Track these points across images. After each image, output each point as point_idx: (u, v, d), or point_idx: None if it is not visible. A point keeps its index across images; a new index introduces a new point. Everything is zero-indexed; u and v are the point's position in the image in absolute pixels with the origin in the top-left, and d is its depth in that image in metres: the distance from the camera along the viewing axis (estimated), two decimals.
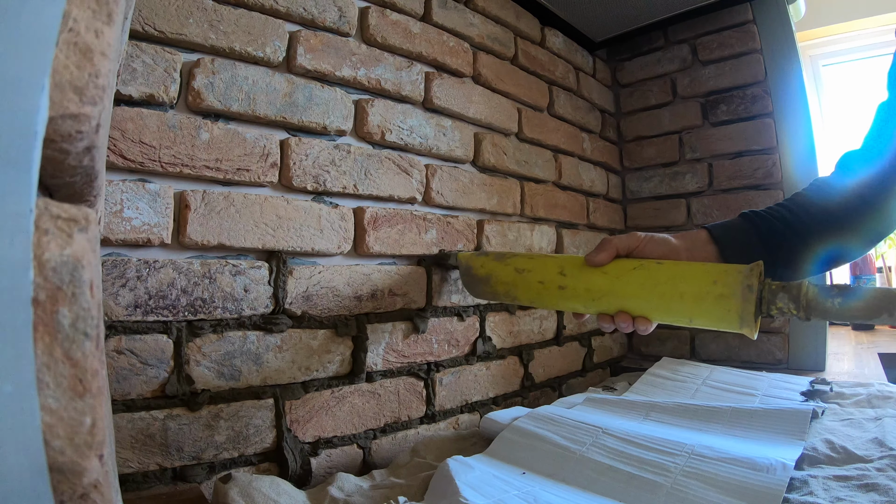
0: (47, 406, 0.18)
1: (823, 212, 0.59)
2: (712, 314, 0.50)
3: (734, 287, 0.49)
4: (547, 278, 0.61)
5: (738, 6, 1.24)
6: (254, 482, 0.54)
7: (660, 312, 0.54)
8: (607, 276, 0.56)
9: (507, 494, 0.55)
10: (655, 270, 0.54)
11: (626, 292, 0.55)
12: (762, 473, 0.56)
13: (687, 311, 0.52)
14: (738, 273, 0.50)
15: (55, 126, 0.18)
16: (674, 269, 0.54)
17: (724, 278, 0.50)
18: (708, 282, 0.51)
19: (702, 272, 0.52)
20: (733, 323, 0.50)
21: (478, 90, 0.98)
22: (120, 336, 0.54)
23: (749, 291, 0.48)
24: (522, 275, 0.64)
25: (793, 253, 0.58)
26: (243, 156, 0.65)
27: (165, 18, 0.59)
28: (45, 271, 0.18)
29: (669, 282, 0.52)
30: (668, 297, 0.52)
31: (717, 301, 0.50)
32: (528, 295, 0.65)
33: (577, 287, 0.59)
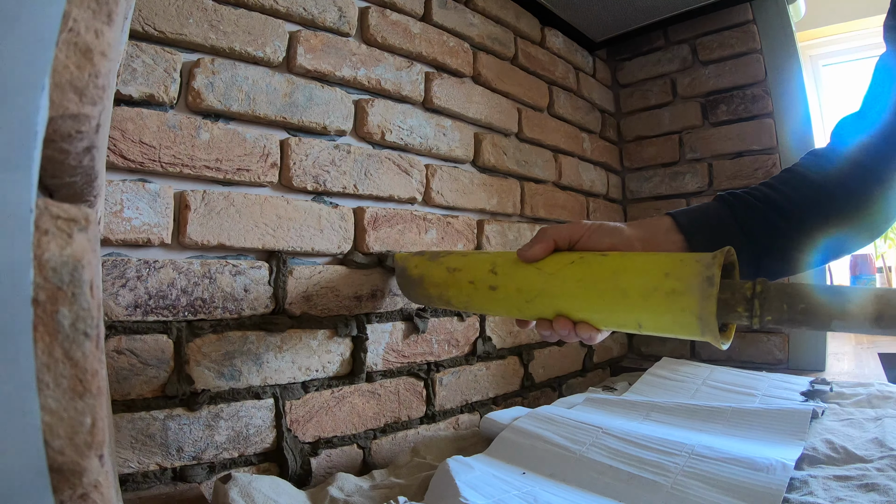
0: (47, 406, 0.18)
1: (816, 187, 0.49)
2: (664, 316, 0.41)
3: (690, 280, 0.39)
4: (477, 277, 0.53)
5: (738, 6, 1.24)
6: (254, 482, 0.54)
7: (602, 315, 0.45)
8: (541, 272, 0.48)
9: (507, 494, 0.55)
10: (596, 264, 0.45)
11: (562, 291, 0.46)
12: (762, 473, 0.56)
13: (633, 313, 0.42)
14: (696, 262, 0.40)
15: (55, 126, 0.18)
16: (618, 261, 0.45)
17: (677, 269, 0.40)
18: (658, 275, 0.41)
19: (651, 263, 0.43)
20: (691, 326, 0.40)
21: (478, 90, 0.98)
22: (120, 336, 0.54)
23: (708, 285, 0.38)
24: (454, 274, 0.57)
25: (780, 240, 0.49)
26: (243, 156, 0.65)
27: (165, 18, 0.59)
28: (45, 271, 0.18)
29: (611, 277, 0.43)
30: (610, 295, 0.43)
31: (669, 298, 0.40)
32: (460, 297, 0.57)
33: (507, 287, 0.50)
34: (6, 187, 0.17)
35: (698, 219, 0.50)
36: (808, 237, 0.49)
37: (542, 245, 0.49)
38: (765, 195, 0.50)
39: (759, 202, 0.50)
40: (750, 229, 0.49)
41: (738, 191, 0.51)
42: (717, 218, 0.50)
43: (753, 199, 0.50)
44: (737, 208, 0.50)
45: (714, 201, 0.52)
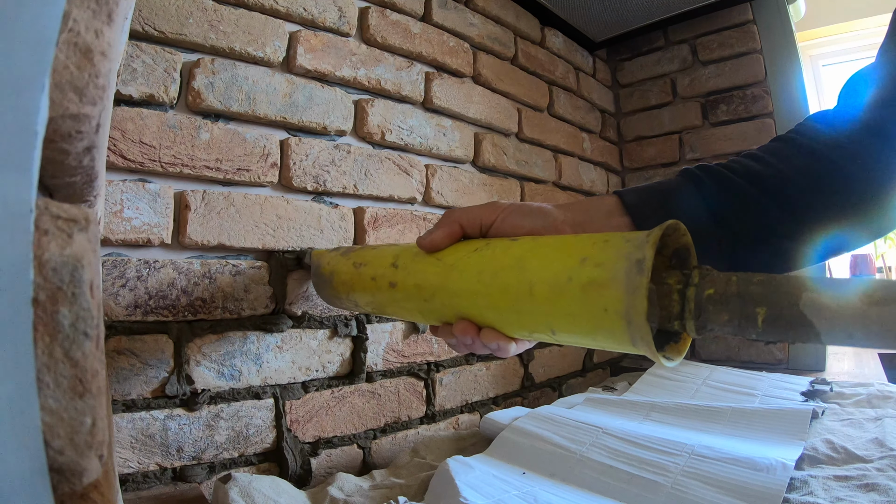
0: (47, 406, 0.17)
1: (815, 157, 0.38)
2: (580, 317, 0.31)
3: (613, 265, 0.30)
4: (379, 273, 0.45)
5: (738, 6, 1.24)
6: (254, 482, 0.54)
7: (507, 318, 0.35)
8: (441, 264, 0.39)
9: (507, 494, 0.55)
10: (500, 251, 0.36)
11: (462, 287, 0.37)
12: (762, 473, 0.56)
13: (543, 314, 0.33)
14: (623, 242, 0.31)
15: (55, 126, 0.18)
16: (527, 246, 0.36)
17: (598, 252, 0.31)
18: (572, 261, 0.32)
19: (565, 246, 0.33)
20: (616, 331, 0.30)
21: (478, 90, 0.98)
22: (120, 336, 0.54)
23: (637, 271, 0.28)
24: (359, 271, 0.49)
25: (764, 226, 0.38)
26: (243, 156, 0.65)
27: (165, 18, 0.59)
28: (45, 271, 0.18)
29: (516, 266, 0.34)
30: (514, 291, 0.34)
31: (586, 293, 0.30)
32: (365, 297, 0.49)
33: (406, 283, 0.42)
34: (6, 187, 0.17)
35: (652, 197, 0.40)
36: (803, 222, 0.38)
37: (445, 230, 0.40)
38: (745, 168, 0.39)
39: (736, 176, 0.39)
40: (722, 211, 0.38)
41: (713, 165, 0.40)
42: (677, 196, 0.39)
43: (729, 171, 0.39)
44: (704, 184, 0.39)
45: (676, 176, 0.41)
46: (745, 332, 0.27)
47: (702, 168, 0.41)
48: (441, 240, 0.40)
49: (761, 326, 0.27)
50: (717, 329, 0.28)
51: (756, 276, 0.28)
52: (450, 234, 0.40)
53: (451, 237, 0.41)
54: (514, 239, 0.38)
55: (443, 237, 0.40)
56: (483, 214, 0.40)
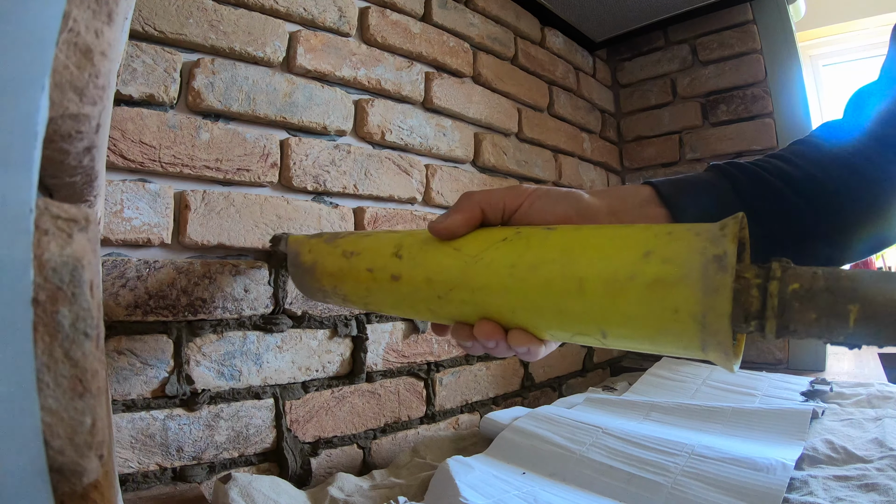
0: (47, 406, 0.17)
1: (840, 162, 0.39)
2: (644, 320, 0.28)
3: (686, 261, 0.27)
4: (377, 264, 0.40)
5: (738, 6, 1.24)
6: (254, 482, 0.54)
7: (546, 320, 0.31)
8: (460, 255, 0.34)
9: (507, 494, 0.55)
10: (538, 242, 0.32)
11: (488, 282, 0.33)
12: (762, 473, 0.56)
13: (594, 315, 0.29)
14: (694, 236, 0.28)
15: (55, 126, 0.18)
16: (572, 236, 0.32)
17: (665, 246, 0.28)
18: (633, 255, 0.28)
19: (623, 238, 0.30)
20: (687, 336, 0.27)
21: (478, 90, 0.98)
22: (120, 336, 0.54)
23: (718, 269, 0.25)
24: (350, 261, 0.43)
25: (798, 227, 0.38)
26: (243, 156, 0.65)
27: (165, 18, 0.59)
28: (45, 271, 0.18)
29: (560, 260, 0.30)
30: (559, 288, 0.30)
31: (652, 292, 0.27)
32: (358, 292, 0.43)
33: (414, 276, 0.37)
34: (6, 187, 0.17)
35: (688, 190, 0.38)
36: (835, 225, 0.38)
37: (463, 215, 0.35)
38: (777, 168, 0.39)
39: (770, 175, 0.38)
40: (758, 210, 0.37)
41: (742, 162, 0.40)
42: (713, 191, 0.38)
43: (762, 171, 0.39)
44: (740, 181, 0.38)
45: (708, 171, 0.40)
46: (833, 334, 0.24)
47: (734, 165, 0.40)
48: (459, 226, 0.35)
49: (853, 326, 0.24)
50: (801, 330, 0.25)
51: (843, 270, 0.25)
52: (469, 220, 0.35)
53: (470, 223, 0.35)
54: (550, 228, 0.33)
55: (461, 222, 0.35)
56: (507, 198, 0.36)
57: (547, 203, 0.36)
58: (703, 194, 0.38)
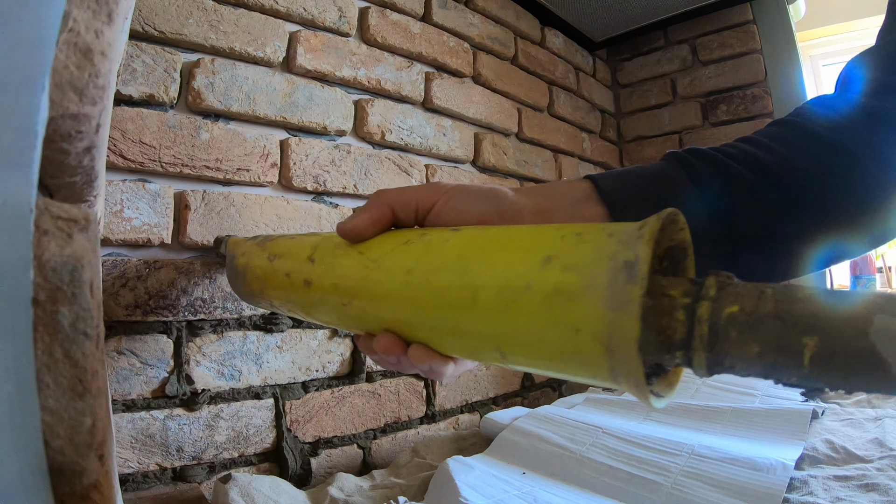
0: (47, 406, 0.17)
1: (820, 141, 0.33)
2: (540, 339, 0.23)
3: (591, 268, 0.22)
4: (294, 268, 0.37)
5: (738, 6, 1.24)
6: (254, 482, 0.54)
7: (441, 334, 0.27)
8: (363, 259, 0.31)
9: (507, 494, 0.55)
10: (438, 246, 0.28)
11: (387, 290, 0.29)
12: (762, 473, 0.56)
13: (488, 332, 0.25)
14: (605, 237, 0.23)
15: (55, 126, 0.18)
16: (472, 240, 0.27)
17: (568, 249, 0.23)
18: (532, 260, 0.24)
19: (525, 241, 0.25)
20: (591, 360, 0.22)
21: (478, 90, 0.98)
22: (120, 336, 0.54)
23: (627, 278, 0.20)
24: (273, 264, 0.40)
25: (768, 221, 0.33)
26: (243, 156, 0.65)
27: (165, 18, 0.59)
28: (45, 271, 0.18)
29: (456, 267, 0.26)
30: (452, 299, 0.26)
31: (549, 306, 0.22)
32: (280, 297, 0.40)
33: (323, 282, 0.33)
34: (6, 187, 0.17)
35: (633, 183, 0.33)
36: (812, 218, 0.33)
37: (370, 214, 0.31)
38: (745, 153, 0.33)
39: (734, 162, 0.33)
40: (720, 203, 0.32)
41: (705, 149, 0.34)
42: (664, 183, 0.33)
43: (726, 157, 0.33)
44: (697, 170, 0.33)
45: (662, 160, 0.35)
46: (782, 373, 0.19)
47: (692, 151, 0.34)
48: (365, 226, 0.31)
49: (808, 365, 0.18)
50: (739, 365, 0.19)
51: (802, 289, 0.19)
52: (377, 220, 0.31)
53: (378, 223, 0.31)
54: (456, 229, 0.29)
55: (368, 223, 0.31)
56: (420, 196, 0.32)
57: (463, 202, 0.31)
58: (652, 187, 0.33)
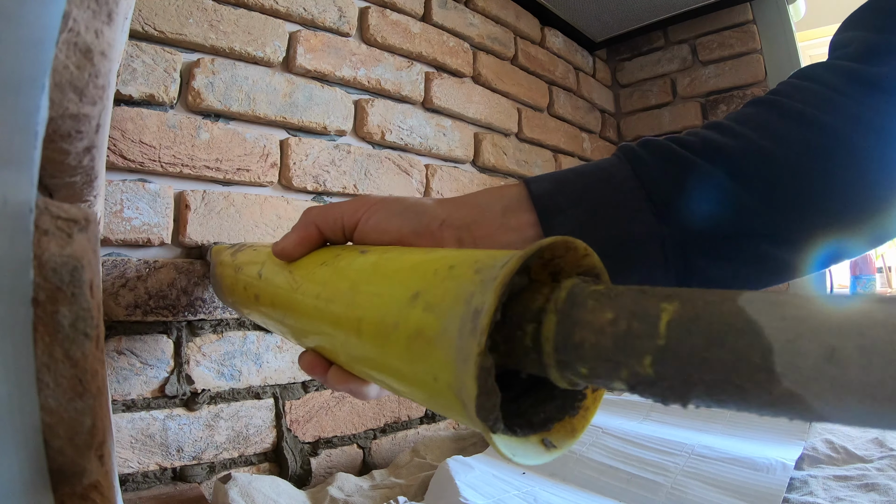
0: (47, 406, 0.17)
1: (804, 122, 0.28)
2: (409, 379, 0.22)
3: (448, 309, 0.20)
4: (249, 281, 0.38)
5: (738, 6, 1.24)
6: (254, 482, 0.54)
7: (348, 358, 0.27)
8: (291, 279, 0.32)
9: (506, 494, 0.55)
10: (341, 268, 0.28)
11: (302, 311, 0.30)
12: (762, 473, 0.56)
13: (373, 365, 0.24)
14: (471, 273, 0.20)
15: (55, 126, 0.18)
16: (368, 264, 0.26)
17: (435, 286, 0.21)
18: (403, 295, 0.22)
19: (403, 270, 0.24)
20: (455, 409, 0.20)
21: (478, 90, 0.98)
22: (120, 336, 0.54)
23: (471, 329, 0.18)
24: (238, 275, 0.41)
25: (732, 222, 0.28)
26: (243, 156, 0.65)
27: (165, 18, 0.59)
28: (45, 271, 0.18)
29: (348, 294, 0.26)
30: (344, 327, 0.25)
31: (411, 348, 0.21)
32: (244, 307, 0.41)
33: (265, 297, 0.35)
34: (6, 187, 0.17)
35: (570, 185, 0.29)
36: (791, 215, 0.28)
37: (296, 235, 0.31)
38: (704, 141, 0.29)
39: (689, 152, 0.29)
40: (667, 201, 0.28)
41: (661, 139, 0.30)
42: (607, 182, 0.29)
43: (680, 146, 0.29)
44: (643, 163, 0.29)
45: (612, 155, 0.31)
46: (632, 349, 0.16)
47: (644, 143, 0.31)
48: (293, 247, 0.31)
49: (664, 332, 0.15)
50: (588, 340, 0.17)
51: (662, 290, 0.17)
52: (303, 240, 0.31)
53: (304, 243, 0.31)
54: (363, 251, 0.28)
55: (294, 244, 0.31)
56: (346, 213, 0.30)
57: (382, 219, 0.29)
58: (592, 188, 0.29)
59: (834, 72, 0.30)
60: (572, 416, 0.22)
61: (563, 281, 0.20)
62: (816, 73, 0.31)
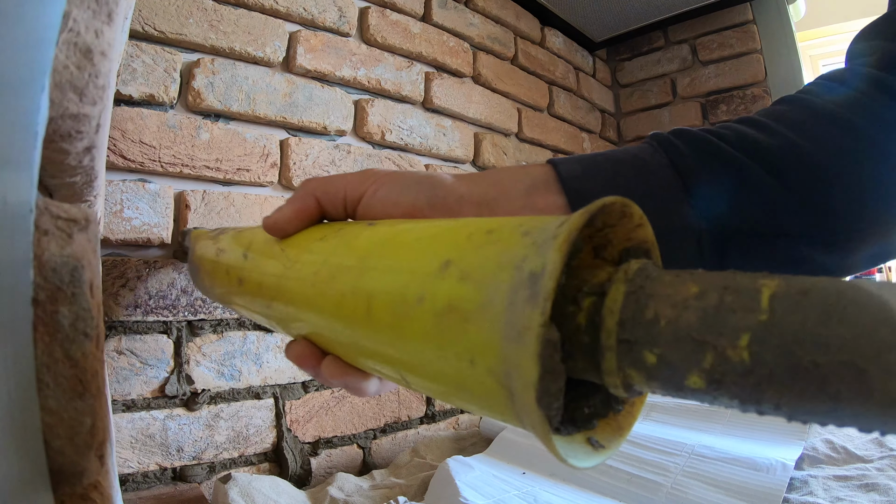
0: (47, 406, 0.17)
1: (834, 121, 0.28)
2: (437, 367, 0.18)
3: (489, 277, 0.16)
4: (233, 264, 0.34)
5: (738, 6, 1.24)
6: (254, 482, 0.54)
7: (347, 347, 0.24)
8: (283, 257, 0.28)
9: (506, 494, 0.55)
10: (346, 241, 0.25)
11: (296, 292, 0.26)
12: (762, 473, 0.56)
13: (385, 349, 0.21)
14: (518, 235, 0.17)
15: (55, 126, 0.18)
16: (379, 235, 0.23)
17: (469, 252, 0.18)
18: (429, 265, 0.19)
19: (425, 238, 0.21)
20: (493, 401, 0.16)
21: (478, 90, 0.98)
22: (120, 336, 0.54)
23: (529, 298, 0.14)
24: (219, 259, 0.37)
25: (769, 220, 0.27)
26: (243, 156, 0.65)
27: (165, 18, 0.59)
28: (45, 271, 0.18)
29: (357, 268, 0.22)
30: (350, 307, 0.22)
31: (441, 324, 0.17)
32: (223, 293, 0.37)
33: (251, 281, 0.31)
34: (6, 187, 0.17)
35: (601, 168, 0.28)
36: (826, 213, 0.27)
37: (294, 206, 0.28)
38: (740, 136, 0.28)
39: (727, 144, 0.28)
40: (705, 194, 0.27)
41: (694, 129, 0.29)
42: (640, 169, 0.28)
43: (717, 139, 0.28)
44: (680, 154, 0.28)
45: (643, 142, 0.30)
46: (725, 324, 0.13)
47: (678, 133, 0.29)
48: (288, 220, 0.28)
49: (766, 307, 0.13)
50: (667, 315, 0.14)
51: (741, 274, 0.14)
52: (300, 213, 0.28)
53: (302, 216, 0.28)
54: (371, 223, 0.25)
55: (291, 216, 0.28)
56: (349, 185, 0.28)
57: (392, 190, 0.27)
58: (624, 174, 0.28)
59: (861, 77, 0.29)
60: (617, 412, 0.19)
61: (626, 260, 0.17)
62: (846, 77, 0.30)
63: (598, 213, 0.17)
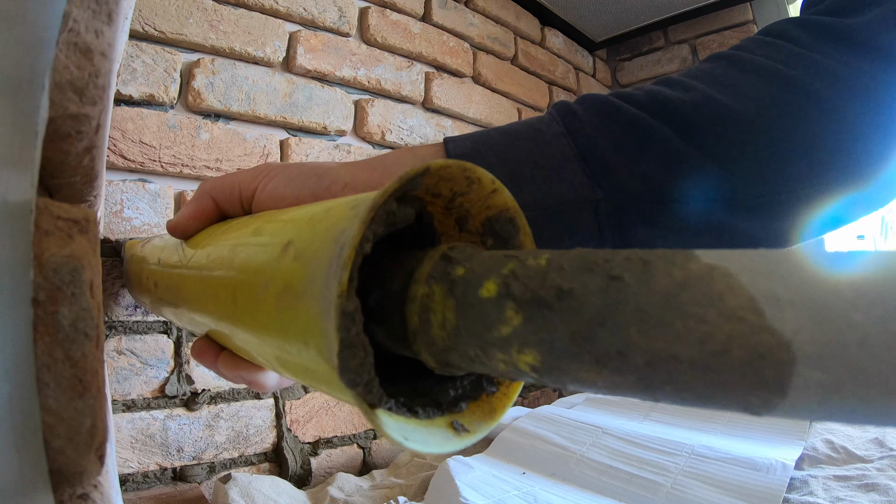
0: (47, 406, 0.17)
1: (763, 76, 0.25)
2: (284, 349, 0.18)
3: (317, 253, 0.16)
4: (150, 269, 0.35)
5: (738, 6, 1.24)
6: (254, 482, 0.54)
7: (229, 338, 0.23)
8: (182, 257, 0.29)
9: (507, 494, 0.55)
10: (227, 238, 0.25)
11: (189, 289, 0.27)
12: (762, 473, 0.56)
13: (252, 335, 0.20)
14: (346, 209, 0.17)
15: (55, 126, 0.18)
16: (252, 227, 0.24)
17: (305, 232, 0.18)
18: (275, 248, 0.19)
19: (289, 220, 0.21)
20: (334, 386, 0.15)
21: (478, 90, 0.98)
22: (120, 336, 0.54)
23: (336, 269, 0.14)
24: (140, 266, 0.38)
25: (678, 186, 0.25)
26: (243, 156, 0.65)
27: (165, 18, 0.59)
28: (45, 271, 0.18)
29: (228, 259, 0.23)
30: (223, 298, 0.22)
31: (280, 306, 0.17)
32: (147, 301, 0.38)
33: (162, 283, 0.31)
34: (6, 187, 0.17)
35: (493, 144, 0.27)
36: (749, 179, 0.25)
37: (191, 207, 0.28)
38: (651, 96, 0.26)
39: (632, 105, 0.26)
40: (602, 161, 0.25)
41: (601, 94, 0.28)
42: (531, 140, 0.26)
43: (623, 101, 0.26)
44: (578, 119, 0.26)
45: (544, 113, 0.28)
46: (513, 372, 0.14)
47: (582, 99, 0.27)
48: (186, 222, 0.28)
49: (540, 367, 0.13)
50: (468, 363, 0.15)
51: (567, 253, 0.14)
52: (198, 213, 0.28)
53: (199, 217, 0.28)
54: (252, 216, 0.26)
55: (189, 218, 0.28)
56: (243, 182, 0.27)
57: (279, 184, 0.26)
58: (518, 146, 0.26)
59: (804, 27, 0.27)
60: (490, 394, 0.18)
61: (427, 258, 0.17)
62: (784, 29, 0.28)
63: (435, 180, 0.17)
